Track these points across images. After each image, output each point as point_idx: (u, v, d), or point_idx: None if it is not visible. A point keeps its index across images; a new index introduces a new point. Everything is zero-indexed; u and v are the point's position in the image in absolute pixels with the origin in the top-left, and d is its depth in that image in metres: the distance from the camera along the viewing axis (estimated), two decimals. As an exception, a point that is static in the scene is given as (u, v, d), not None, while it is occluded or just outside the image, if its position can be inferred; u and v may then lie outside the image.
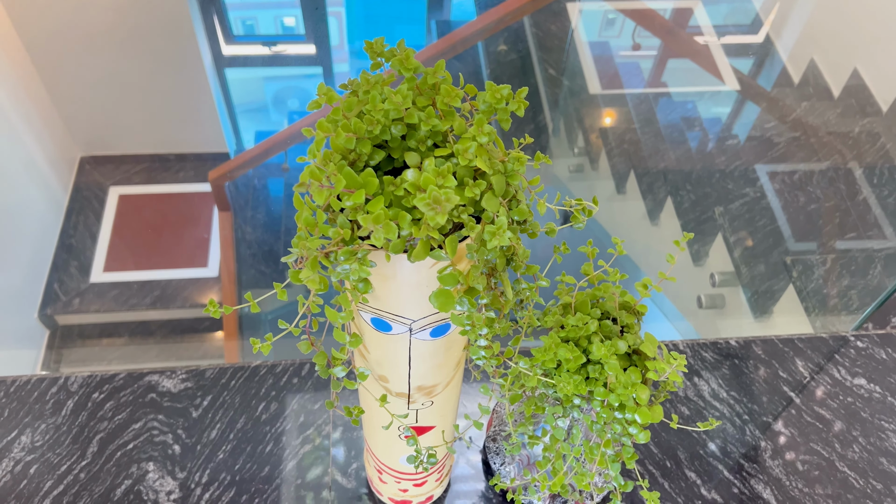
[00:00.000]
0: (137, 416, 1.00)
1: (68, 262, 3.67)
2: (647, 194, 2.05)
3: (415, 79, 0.51)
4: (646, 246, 2.15)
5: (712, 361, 1.09)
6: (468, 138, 0.50)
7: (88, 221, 3.81)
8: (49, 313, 3.50)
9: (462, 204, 0.50)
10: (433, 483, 0.91)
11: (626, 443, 0.77)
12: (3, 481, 0.94)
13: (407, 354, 0.64)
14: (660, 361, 0.72)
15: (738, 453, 1.00)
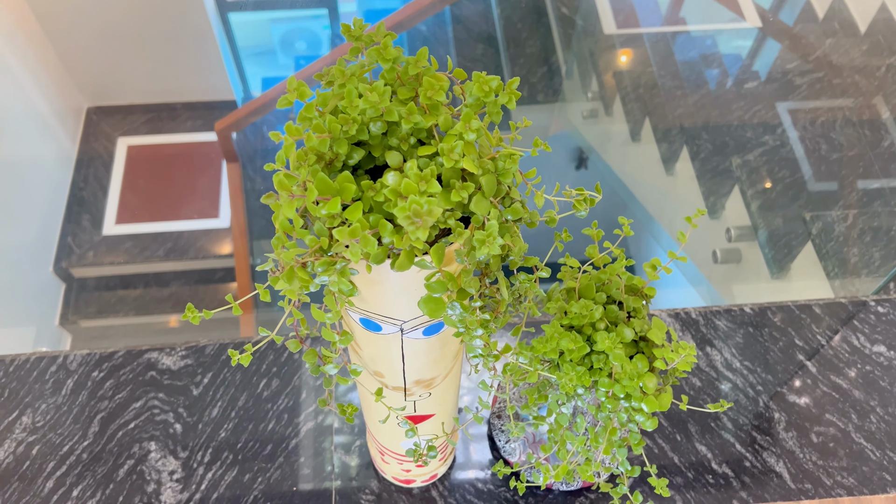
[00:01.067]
0: (138, 395, 0.99)
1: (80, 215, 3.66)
2: (662, 143, 1.98)
3: (395, 69, 0.47)
4: (661, 195, 2.09)
5: (725, 330, 1.06)
6: (454, 135, 0.46)
7: (98, 174, 3.79)
8: (64, 266, 3.52)
9: (449, 208, 0.46)
10: (436, 463, 0.89)
11: (632, 429, 0.74)
12: (6, 462, 0.93)
13: (400, 352, 0.61)
14: (668, 349, 0.68)
15: (751, 426, 0.98)
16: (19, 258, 3.25)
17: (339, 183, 0.44)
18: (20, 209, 3.26)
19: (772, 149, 1.74)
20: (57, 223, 3.60)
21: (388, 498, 0.92)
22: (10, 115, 3.20)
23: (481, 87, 0.44)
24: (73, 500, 0.91)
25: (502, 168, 0.47)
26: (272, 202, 0.43)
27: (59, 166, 3.62)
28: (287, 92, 0.45)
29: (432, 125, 0.47)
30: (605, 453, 0.74)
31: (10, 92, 3.20)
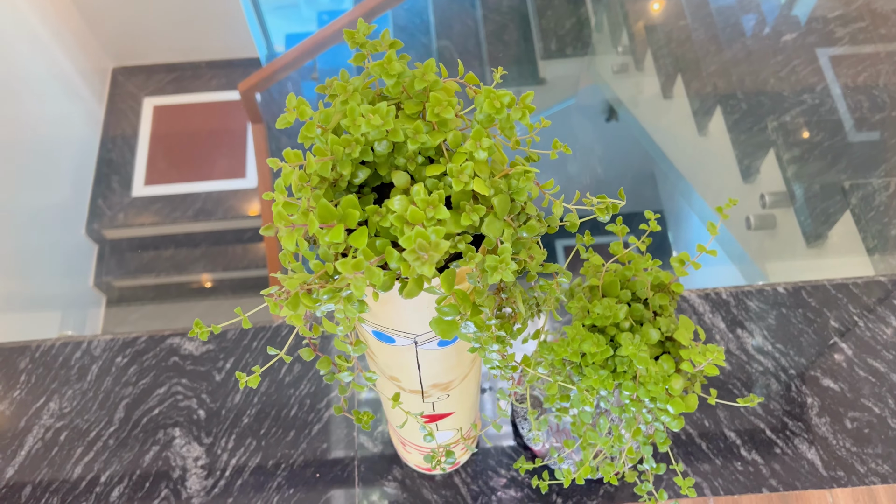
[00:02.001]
0: (161, 381, 0.99)
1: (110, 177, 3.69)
2: (694, 100, 1.91)
3: (401, 83, 0.44)
4: (693, 155, 2.02)
5: (757, 311, 1.02)
6: (463, 154, 0.43)
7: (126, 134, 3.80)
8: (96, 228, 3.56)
9: (459, 232, 0.44)
10: (459, 451, 0.89)
11: (658, 428, 0.72)
12: (35, 449, 0.95)
13: (415, 361, 0.60)
14: (695, 350, 0.66)
15: (782, 411, 0.95)
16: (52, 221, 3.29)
17: (343, 208, 0.42)
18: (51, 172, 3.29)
19: (810, 108, 1.66)
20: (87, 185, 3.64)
21: (412, 484, 0.92)
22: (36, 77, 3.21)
23: (491, 103, 0.41)
24: (100, 485, 0.92)
25: (516, 186, 0.44)
26: (270, 234, 0.41)
27: (86, 128, 3.63)
28: (286, 111, 0.43)
29: (441, 141, 0.44)
30: (629, 453, 0.72)
31: (35, 54, 3.20)
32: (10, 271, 2.84)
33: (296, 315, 0.46)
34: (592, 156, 3.11)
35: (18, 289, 2.87)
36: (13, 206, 2.93)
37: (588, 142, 3.16)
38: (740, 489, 0.90)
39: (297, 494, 0.91)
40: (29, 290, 2.92)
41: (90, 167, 3.61)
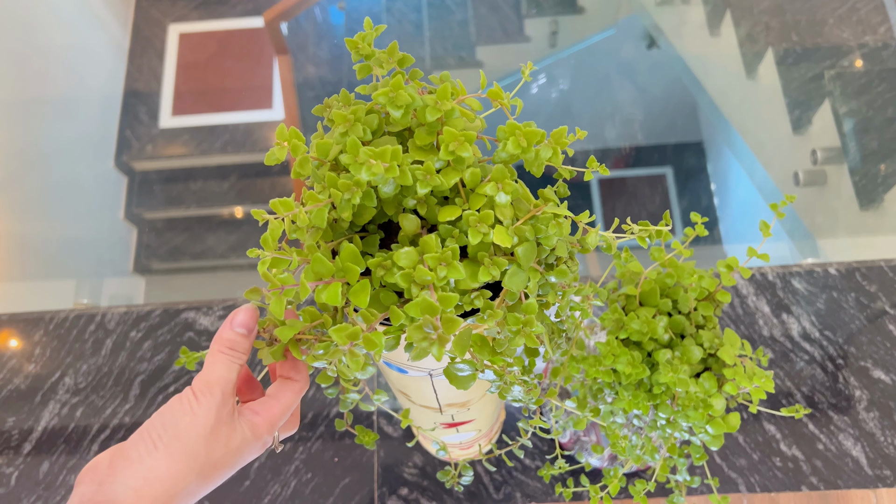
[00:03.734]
0: (176, 357, 0.96)
1: (137, 107, 3.64)
2: (744, 40, 1.77)
3: (409, 113, 0.37)
4: (739, 99, 1.90)
5: (805, 294, 0.95)
6: (482, 197, 0.37)
7: (152, 63, 3.73)
8: (125, 160, 3.54)
9: (476, 287, 0.38)
10: (483, 441, 0.85)
11: (694, 442, 0.67)
12: (52, 425, 0.93)
13: (431, 387, 0.55)
14: (740, 370, 0.60)
15: (827, 404, 0.89)
16: (82, 152, 3.27)
17: (343, 261, 0.36)
18: (78, 103, 3.25)
19: (871, 53, 1.53)
20: (115, 116, 3.59)
21: (432, 472, 0.89)
22: (59, 5, 3.14)
23: (517, 142, 0.34)
24: (117, 464, 0.91)
25: (545, 233, 0.37)
26: (256, 300, 0.35)
27: (112, 57, 3.56)
28: (276, 143, 0.36)
29: (457, 180, 0.37)
30: (662, 470, 0.67)
31: (56, -18, 3.11)
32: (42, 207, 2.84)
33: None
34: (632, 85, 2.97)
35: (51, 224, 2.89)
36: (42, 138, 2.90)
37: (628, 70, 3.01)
38: (778, 486, 0.85)
39: (315, 479, 0.89)
40: (61, 226, 2.93)
41: (117, 97, 3.56)
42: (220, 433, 0.41)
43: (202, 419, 0.40)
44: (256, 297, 0.35)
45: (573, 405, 0.55)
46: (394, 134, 0.39)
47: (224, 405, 0.41)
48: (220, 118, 3.62)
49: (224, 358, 0.42)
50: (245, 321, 0.42)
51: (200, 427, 0.40)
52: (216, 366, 0.42)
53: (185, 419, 0.40)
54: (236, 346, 0.42)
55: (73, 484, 0.90)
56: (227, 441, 0.41)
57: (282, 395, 0.44)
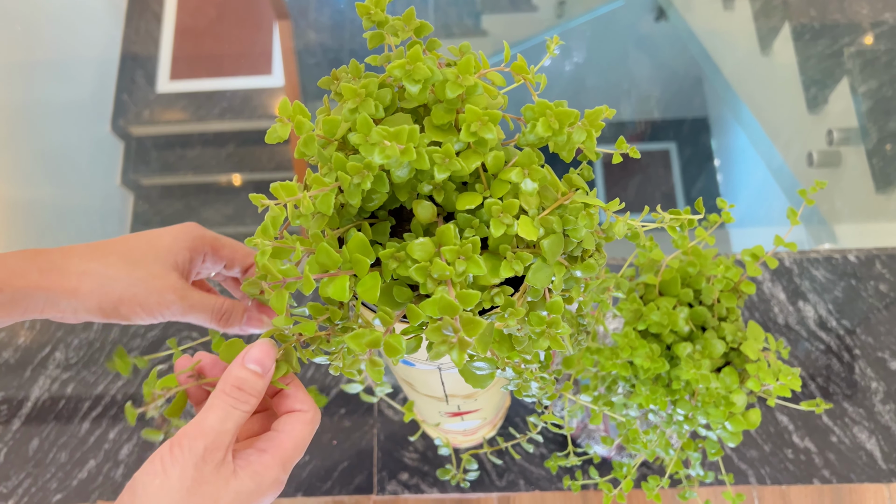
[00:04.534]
0: (171, 333, 0.93)
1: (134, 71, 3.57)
2: (759, 14, 1.72)
3: (428, 88, 0.33)
4: (752, 75, 1.85)
5: (823, 281, 0.92)
6: (505, 184, 0.33)
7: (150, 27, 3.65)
8: (122, 125, 3.48)
9: (497, 283, 0.34)
10: (486, 428, 0.82)
11: (709, 437, 0.64)
12: (42, 400, 0.90)
13: (439, 380, 0.52)
14: (764, 366, 0.56)
15: (843, 395, 0.87)
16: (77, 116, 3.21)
17: (351, 251, 0.32)
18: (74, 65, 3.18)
19: (892, 30, 1.48)
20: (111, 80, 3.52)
21: (433, 456, 0.86)
22: (53, -35, 3.05)
23: (548, 123, 0.31)
24: (109, 442, 0.88)
25: (573, 225, 0.34)
26: (254, 291, 0.32)
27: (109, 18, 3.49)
28: (278, 119, 0.33)
29: (479, 164, 0.33)
30: (676, 466, 0.64)
31: (50, -60, 3.03)
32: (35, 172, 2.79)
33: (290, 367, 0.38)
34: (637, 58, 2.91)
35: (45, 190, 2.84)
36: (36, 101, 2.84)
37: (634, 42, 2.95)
38: (789, 479, 0.83)
39: (314, 461, 0.86)
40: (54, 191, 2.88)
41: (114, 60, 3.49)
42: (201, 494, 0.35)
43: (175, 481, 0.35)
44: (255, 290, 0.32)
45: (588, 399, 0.52)
46: (408, 111, 0.36)
47: (206, 461, 0.35)
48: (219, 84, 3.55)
49: (224, 403, 0.36)
50: (260, 357, 0.37)
51: (173, 491, 0.34)
52: (210, 412, 0.36)
53: (155, 482, 0.35)
54: (245, 386, 0.37)
55: (63, 461, 0.87)
56: (214, 500, 0.35)
57: (291, 428, 0.38)
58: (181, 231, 0.44)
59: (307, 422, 0.38)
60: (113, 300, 0.41)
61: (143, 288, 0.41)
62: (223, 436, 0.36)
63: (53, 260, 0.41)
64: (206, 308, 0.43)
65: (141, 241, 0.43)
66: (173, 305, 0.42)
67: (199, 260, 0.45)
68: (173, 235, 0.43)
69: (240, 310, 0.44)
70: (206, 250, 0.45)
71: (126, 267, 0.41)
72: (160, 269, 0.42)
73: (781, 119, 1.68)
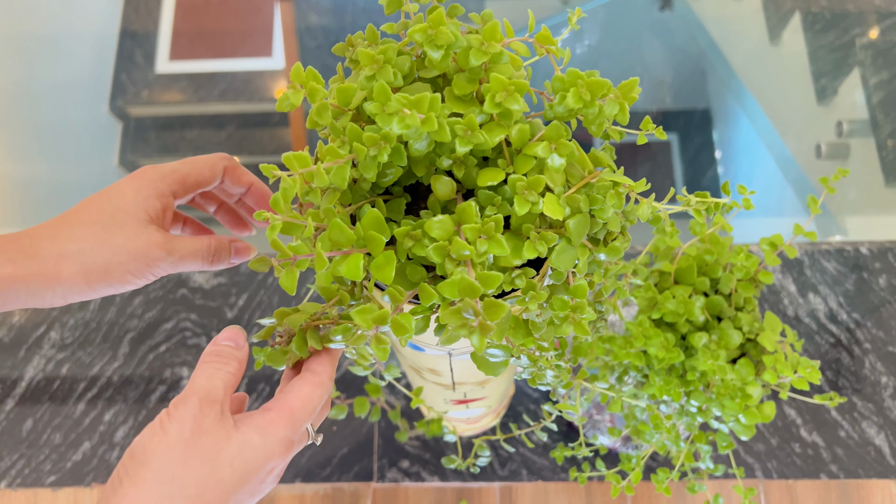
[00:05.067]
0: (168, 315, 0.91)
1: (133, 50, 3.53)
2: (769, 5, 1.70)
3: (450, 55, 0.31)
4: (760, 65, 1.83)
5: (834, 274, 0.90)
6: (530, 159, 0.31)
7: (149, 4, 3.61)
8: (120, 105, 3.44)
9: (519, 265, 0.32)
10: (490, 417, 0.81)
11: (721, 430, 0.63)
12: (36, 380, 0.89)
13: (448, 366, 0.50)
14: (781, 358, 0.55)
15: (852, 389, 0.85)
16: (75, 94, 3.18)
17: (365, 228, 0.31)
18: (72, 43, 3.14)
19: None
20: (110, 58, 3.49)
21: (434, 444, 0.85)
22: (52, -61, 3.01)
23: (578, 94, 0.29)
24: (104, 424, 0.86)
25: (601, 203, 0.32)
26: (263, 269, 0.30)
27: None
28: (289, 84, 0.31)
29: (502, 138, 0.32)
30: (686, 459, 0.63)
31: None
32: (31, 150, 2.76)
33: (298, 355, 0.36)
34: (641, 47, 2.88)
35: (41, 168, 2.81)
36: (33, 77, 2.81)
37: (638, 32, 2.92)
38: (796, 473, 0.82)
39: (312, 447, 0.85)
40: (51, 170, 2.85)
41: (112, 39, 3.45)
42: (202, 445, 0.34)
43: (173, 435, 0.34)
44: (264, 267, 0.30)
45: (605, 385, 0.51)
46: (427, 81, 0.34)
47: (203, 413, 0.35)
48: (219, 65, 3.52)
49: (207, 366, 0.37)
50: (229, 336, 0.39)
51: (173, 444, 0.34)
52: (196, 377, 0.37)
53: (154, 440, 0.34)
54: (223, 352, 0.38)
55: (57, 443, 0.86)
56: (215, 452, 0.34)
57: (299, 388, 0.37)
58: (140, 180, 0.42)
59: (316, 384, 0.37)
60: (99, 275, 0.39)
61: (125, 253, 0.39)
62: (214, 391, 0.36)
63: (22, 246, 0.39)
64: (195, 254, 0.42)
65: (104, 203, 0.41)
66: (162, 262, 0.40)
67: (169, 202, 0.43)
68: (135, 188, 0.41)
69: (226, 244, 0.44)
70: (173, 188, 0.42)
71: (101, 235, 0.40)
72: (136, 226, 0.40)
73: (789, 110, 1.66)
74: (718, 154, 2.70)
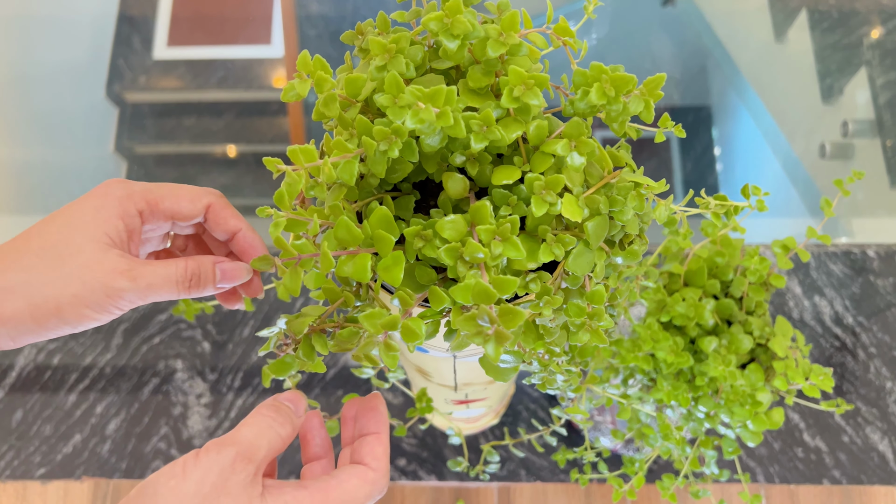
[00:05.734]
0: (162, 306, 0.90)
1: (130, 36, 3.50)
2: (775, 1, 1.68)
3: (466, 46, 0.29)
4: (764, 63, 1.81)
5: (840, 277, 0.89)
6: (549, 155, 0.30)
7: (147, -11, 3.58)
8: (117, 91, 3.41)
9: (533, 268, 0.31)
10: (489, 417, 0.79)
11: (727, 435, 0.61)
12: (27, 371, 0.87)
13: (451, 367, 0.48)
14: (792, 365, 0.53)
15: (856, 394, 0.84)
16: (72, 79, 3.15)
17: (373, 227, 0.29)
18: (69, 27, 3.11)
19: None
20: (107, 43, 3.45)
21: (433, 444, 0.83)
22: (50, -78, 2.98)
23: (602, 90, 0.27)
24: (96, 416, 0.85)
25: (621, 206, 0.30)
26: (266, 268, 0.28)
27: (105, -20, 3.41)
28: (296, 73, 0.29)
29: (520, 135, 0.30)
30: (692, 465, 0.62)
31: None
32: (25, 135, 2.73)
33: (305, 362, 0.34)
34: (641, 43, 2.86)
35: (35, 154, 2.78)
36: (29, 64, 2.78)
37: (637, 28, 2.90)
38: (798, 478, 0.81)
39: (308, 444, 0.83)
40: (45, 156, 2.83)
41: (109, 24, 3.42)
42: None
43: (192, 484, 0.30)
44: (267, 267, 0.28)
45: (616, 392, 0.49)
46: (440, 72, 0.32)
47: (234, 471, 0.30)
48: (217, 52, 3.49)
49: (262, 417, 0.33)
50: (292, 397, 0.34)
51: (187, 495, 0.29)
52: (244, 426, 0.32)
53: (170, 485, 0.30)
54: (282, 409, 0.33)
55: (47, 434, 0.84)
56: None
57: (347, 478, 0.33)
58: (102, 196, 0.36)
59: (367, 480, 0.33)
60: (50, 311, 0.33)
61: (80, 283, 0.33)
62: (256, 449, 0.31)
63: None
64: (166, 281, 0.35)
65: (57, 225, 0.35)
66: (126, 293, 0.34)
67: (136, 223, 0.37)
68: (94, 206, 0.35)
69: (209, 266, 0.36)
70: (140, 208, 0.36)
71: (52, 264, 0.34)
72: (93, 252, 0.34)
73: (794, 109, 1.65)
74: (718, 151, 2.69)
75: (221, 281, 0.37)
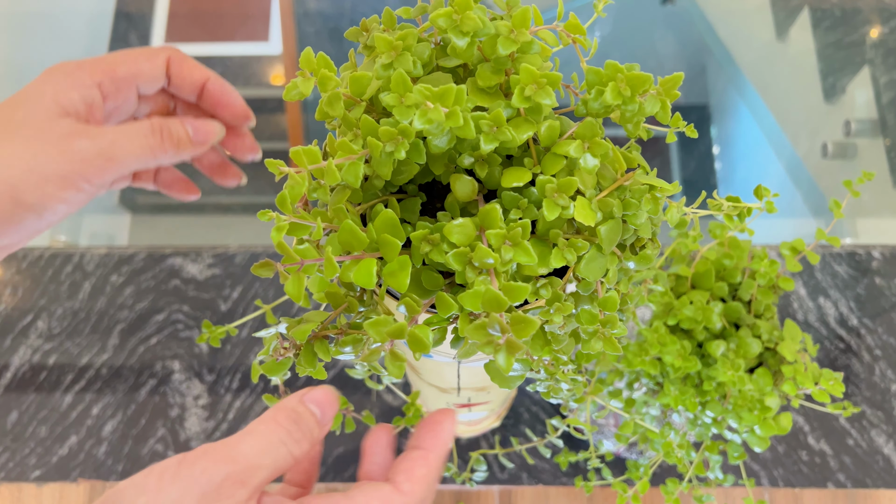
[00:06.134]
0: (160, 306, 0.88)
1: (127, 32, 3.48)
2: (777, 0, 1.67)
3: (475, 43, 0.28)
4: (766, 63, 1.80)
5: (845, 278, 0.88)
6: (560, 157, 0.29)
7: (145, -14, 3.56)
8: (113, 87, 3.40)
9: (543, 274, 0.30)
10: (490, 419, 0.78)
11: (733, 440, 0.60)
12: (22, 371, 0.86)
13: (455, 371, 0.47)
14: (801, 369, 0.53)
15: (861, 397, 0.83)
16: (68, 76, 3.13)
17: (378, 231, 0.28)
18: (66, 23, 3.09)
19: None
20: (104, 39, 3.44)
21: (433, 445, 0.82)
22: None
23: (617, 89, 0.26)
24: (92, 418, 0.84)
25: (635, 209, 0.29)
26: (267, 274, 0.27)
27: (103, -24, 3.39)
28: (299, 71, 0.28)
29: (531, 136, 0.29)
30: (697, 470, 0.61)
31: None
32: (22, 130, 2.72)
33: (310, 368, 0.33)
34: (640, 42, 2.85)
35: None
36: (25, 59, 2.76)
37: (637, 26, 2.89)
38: (802, 482, 0.80)
39: (307, 446, 0.82)
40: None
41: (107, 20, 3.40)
42: None
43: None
44: (268, 272, 0.27)
45: (619, 405, 0.48)
46: (447, 70, 0.31)
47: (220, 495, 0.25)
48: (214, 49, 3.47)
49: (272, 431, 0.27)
50: (321, 400, 0.29)
51: None
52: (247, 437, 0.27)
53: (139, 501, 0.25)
54: (301, 422, 0.28)
55: (43, 436, 0.83)
56: None
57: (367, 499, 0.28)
58: (51, 73, 0.32)
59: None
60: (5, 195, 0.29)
61: (32, 155, 0.29)
62: (255, 471, 0.26)
63: None
64: (135, 136, 0.31)
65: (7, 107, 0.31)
66: (89, 155, 0.29)
67: (94, 96, 0.33)
68: (41, 81, 0.32)
69: (177, 124, 0.33)
70: (97, 79, 0.33)
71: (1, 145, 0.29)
72: (45, 121, 0.30)
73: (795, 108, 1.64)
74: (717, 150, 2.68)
75: (196, 137, 0.34)
